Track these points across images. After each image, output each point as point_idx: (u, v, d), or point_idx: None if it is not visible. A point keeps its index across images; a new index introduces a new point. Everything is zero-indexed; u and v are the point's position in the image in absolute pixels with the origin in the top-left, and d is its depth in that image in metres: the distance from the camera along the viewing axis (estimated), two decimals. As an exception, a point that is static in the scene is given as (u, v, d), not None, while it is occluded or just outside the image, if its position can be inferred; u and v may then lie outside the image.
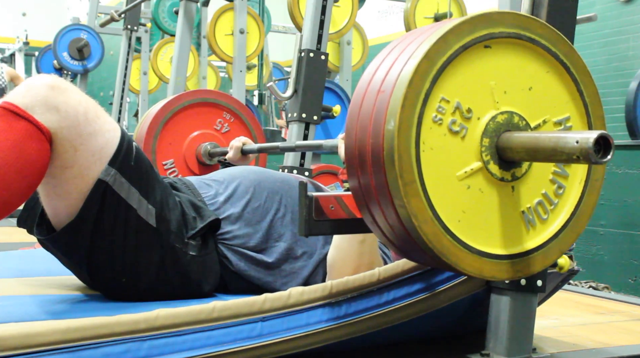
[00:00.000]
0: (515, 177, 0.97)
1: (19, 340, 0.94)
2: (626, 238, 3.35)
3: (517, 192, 0.98)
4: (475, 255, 0.94)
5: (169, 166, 2.32)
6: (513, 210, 0.98)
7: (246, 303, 1.11)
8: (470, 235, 0.94)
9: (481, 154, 0.94)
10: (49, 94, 1.17)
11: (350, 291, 1.16)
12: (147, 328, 1.02)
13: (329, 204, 1.07)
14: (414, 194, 0.88)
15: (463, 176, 0.93)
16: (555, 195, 1.02)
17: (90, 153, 1.20)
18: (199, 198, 1.44)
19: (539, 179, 1.00)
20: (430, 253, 0.91)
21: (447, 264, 0.93)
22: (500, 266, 0.96)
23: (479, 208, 0.95)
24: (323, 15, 2.50)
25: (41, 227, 1.29)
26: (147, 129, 2.29)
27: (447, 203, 0.92)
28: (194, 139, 2.35)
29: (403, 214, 0.89)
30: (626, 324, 1.70)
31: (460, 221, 0.93)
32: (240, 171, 1.56)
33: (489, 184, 0.95)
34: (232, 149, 2.13)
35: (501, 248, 0.97)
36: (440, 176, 0.91)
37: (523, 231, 0.99)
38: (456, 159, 0.93)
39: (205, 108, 2.38)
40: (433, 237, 0.90)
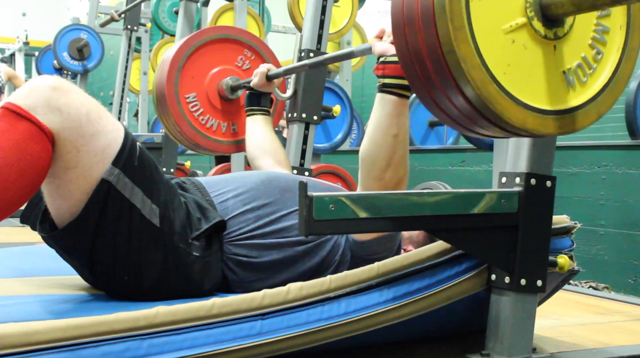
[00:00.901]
0: (557, 36, 1.00)
1: (18, 338, 0.94)
2: (626, 238, 3.35)
3: (559, 52, 1.01)
4: (520, 106, 0.97)
5: (191, 99, 2.30)
6: (555, 69, 1.01)
7: (245, 299, 1.11)
8: (516, 87, 0.96)
9: (526, 10, 0.97)
10: (52, 95, 1.17)
11: (349, 285, 1.16)
12: (147, 326, 1.02)
13: (329, 203, 1.07)
14: (463, 39, 0.91)
15: (508, 30, 0.96)
16: (594, 60, 1.06)
17: (92, 154, 1.20)
18: (207, 198, 1.44)
19: (579, 43, 1.04)
20: (477, 101, 0.93)
21: (493, 113, 0.94)
22: (543, 120, 0.99)
23: (523, 63, 0.98)
24: (323, 15, 2.49)
25: (44, 224, 1.30)
26: (171, 62, 2.26)
27: (493, 55, 0.94)
28: (215, 74, 2.33)
29: (452, 60, 0.92)
30: (626, 324, 1.70)
31: (505, 74, 0.95)
32: (250, 172, 1.58)
33: (533, 41, 0.98)
34: (256, 76, 2.09)
35: (545, 103, 1.00)
36: (487, 27, 0.94)
37: (564, 90, 1.02)
38: (502, 13, 0.95)
39: (227, 44, 2.37)
40: (481, 84, 0.93)
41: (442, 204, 1.14)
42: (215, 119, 2.33)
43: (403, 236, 1.56)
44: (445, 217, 1.15)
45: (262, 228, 1.43)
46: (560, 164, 3.48)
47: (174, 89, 2.27)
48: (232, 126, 2.36)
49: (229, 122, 2.36)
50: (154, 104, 2.40)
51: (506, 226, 1.19)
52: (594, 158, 3.42)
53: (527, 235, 1.19)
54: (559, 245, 1.29)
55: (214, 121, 2.33)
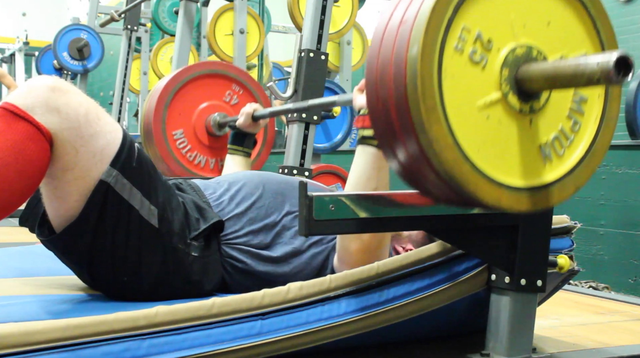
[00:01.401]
0: (533, 110, 0.98)
1: (18, 338, 0.94)
2: (626, 238, 3.35)
3: (535, 126, 0.99)
4: (494, 185, 0.94)
5: (179, 136, 2.30)
6: (531, 143, 0.99)
7: (245, 298, 1.11)
8: (490, 164, 0.94)
9: (501, 85, 0.95)
10: (50, 96, 1.17)
11: (348, 285, 1.16)
12: (147, 325, 1.02)
13: (329, 203, 1.07)
14: (435, 120, 0.89)
15: (483, 106, 0.94)
16: (572, 131, 1.03)
17: (91, 155, 1.20)
18: (204, 199, 1.45)
19: (556, 114, 1.02)
20: (450, 181, 0.92)
21: (466, 193, 0.93)
22: (518, 197, 0.97)
23: (497, 139, 0.96)
24: (323, 15, 2.49)
25: (42, 227, 1.29)
26: (158, 98, 2.27)
27: (467, 132, 0.92)
28: (203, 110, 2.34)
29: (424, 140, 0.90)
30: (626, 324, 1.70)
31: (479, 151, 0.93)
32: (244, 174, 1.57)
33: (508, 116, 0.96)
34: (242, 116, 2.09)
35: (519, 180, 0.97)
36: (460, 105, 0.92)
37: (540, 165, 1.00)
38: (476, 89, 0.94)
39: (215, 80, 2.37)
40: (454, 163, 0.91)
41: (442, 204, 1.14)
42: (202, 155, 2.34)
43: (402, 235, 1.56)
44: (445, 217, 1.15)
45: (256, 231, 1.43)
46: (560, 164, 3.48)
47: (161, 126, 2.27)
48: (219, 162, 2.36)
49: (216, 158, 2.37)
50: (142, 139, 2.40)
51: (506, 226, 1.19)
52: (594, 158, 3.42)
53: (527, 235, 1.19)
54: (559, 245, 1.29)
55: (202, 157, 2.34)
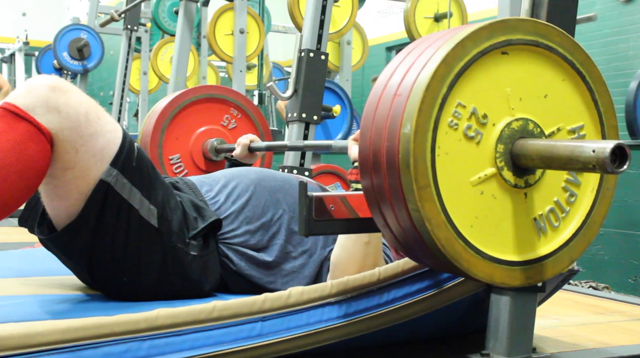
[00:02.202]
0: (528, 184, 0.98)
1: (19, 340, 0.94)
2: (626, 238, 3.35)
3: (530, 199, 0.99)
4: (487, 261, 0.94)
5: (175, 161, 2.31)
6: (525, 217, 0.98)
7: (246, 303, 1.11)
8: (483, 240, 0.94)
9: (495, 161, 0.95)
10: (50, 95, 1.17)
11: (350, 291, 1.16)
12: (148, 328, 1.02)
13: (329, 203, 1.07)
14: (428, 198, 0.89)
15: (477, 182, 0.94)
16: (567, 203, 1.02)
17: (91, 154, 1.20)
18: (200, 198, 1.44)
19: (552, 187, 1.01)
20: (442, 257, 0.92)
21: (459, 269, 0.93)
22: (511, 273, 0.97)
23: (491, 214, 0.95)
24: (323, 15, 2.50)
25: (42, 226, 1.29)
26: (155, 123, 2.27)
27: (460, 208, 0.92)
28: (200, 134, 2.34)
29: (416, 218, 0.90)
30: (626, 324, 1.70)
31: (472, 227, 0.93)
32: (240, 171, 1.56)
33: (502, 191, 0.96)
34: (239, 146, 2.10)
35: (513, 255, 0.97)
36: (454, 181, 0.92)
37: (535, 238, 0.99)
38: (471, 165, 0.93)
39: (213, 104, 2.37)
40: (446, 242, 0.91)
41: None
42: None
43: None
44: (445, 217, 1.15)
45: (253, 233, 1.42)
46: (560, 164, 3.48)
47: (158, 151, 2.27)
48: None
49: None
50: None
51: (506, 226, 1.19)
52: (594, 157, 3.42)
53: (527, 235, 1.19)
54: (559, 245, 1.29)
55: None
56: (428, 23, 3.98)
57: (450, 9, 3.94)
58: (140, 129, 2.41)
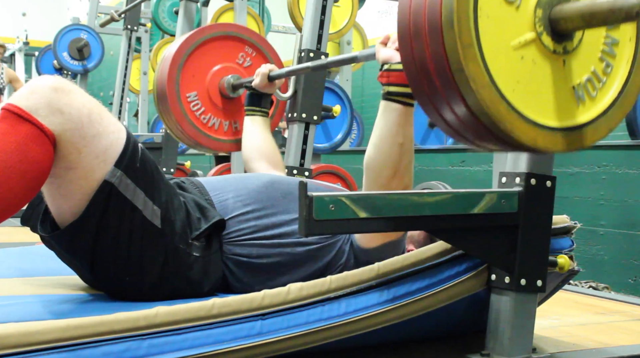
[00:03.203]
0: (566, 51, 0.99)
1: (18, 339, 0.94)
2: (626, 238, 3.35)
3: (568, 67, 1.00)
4: (530, 124, 0.95)
5: (192, 98, 2.29)
6: (564, 84, 1.00)
7: (245, 299, 1.11)
8: (525, 104, 0.95)
9: (535, 25, 0.96)
10: (53, 97, 1.17)
11: (349, 286, 1.16)
12: (147, 326, 1.02)
13: (329, 203, 1.07)
14: (472, 57, 0.90)
15: (517, 46, 0.95)
16: (604, 73, 1.04)
17: (94, 155, 1.20)
18: (206, 198, 1.44)
19: (589, 56, 1.02)
20: (487, 119, 0.92)
21: (503, 132, 0.93)
22: (553, 138, 0.98)
23: (532, 79, 0.96)
24: (323, 15, 2.49)
25: (45, 224, 1.29)
26: (171, 61, 2.26)
27: (502, 71, 0.93)
28: (216, 72, 2.32)
29: (461, 78, 0.90)
30: (626, 324, 1.70)
31: (514, 91, 0.94)
32: (253, 174, 1.57)
33: (542, 56, 0.97)
34: (258, 76, 2.08)
35: (554, 120, 0.98)
36: (496, 44, 0.92)
37: (574, 105, 1.01)
38: (511, 29, 0.94)
39: (227, 42, 2.35)
40: (490, 102, 0.91)
41: (442, 204, 1.14)
42: (216, 117, 2.33)
43: (403, 235, 1.55)
44: (445, 217, 1.15)
45: (262, 230, 1.43)
46: (560, 164, 3.48)
47: (175, 88, 2.26)
48: (233, 125, 2.35)
49: (230, 120, 2.35)
50: (155, 103, 2.40)
51: (506, 226, 1.19)
52: (594, 158, 3.42)
53: (527, 235, 1.19)
54: (559, 245, 1.29)
55: (216, 120, 2.32)
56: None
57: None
58: (155, 72, 2.39)
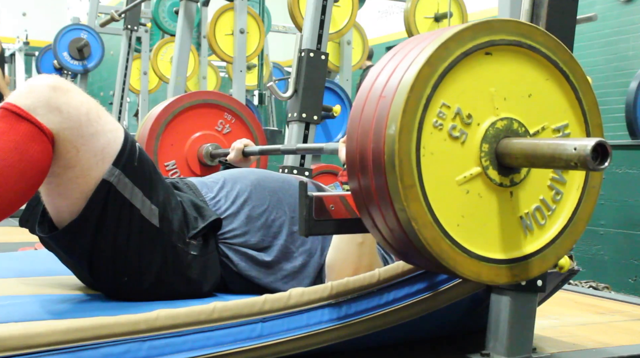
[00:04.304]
0: (513, 183, 0.98)
1: (19, 341, 0.94)
2: (626, 238, 3.35)
3: (516, 197, 0.99)
4: (473, 259, 0.95)
5: (171, 166, 2.33)
6: (511, 215, 0.99)
7: (246, 304, 1.11)
8: (469, 239, 0.95)
9: (480, 160, 0.95)
10: (51, 95, 1.17)
11: (350, 292, 1.16)
12: (147, 329, 1.02)
13: (329, 203, 1.07)
14: (414, 198, 0.89)
15: (462, 181, 0.94)
16: (553, 201, 1.03)
17: (92, 154, 1.20)
18: (201, 198, 1.45)
19: (537, 186, 1.01)
20: (429, 256, 0.92)
21: (446, 268, 0.93)
22: (498, 271, 0.97)
23: (477, 213, 0.96)
24: (323, 15, 2.49)
25: (43, 225, 1.29)
26: (149, 130, 2.30)
27: (446, 207, 0.92)
28: (195, 140, 2.36)
29: (403, 218, 0.90)
30: (626, 324, 1.70)
31: (459, 226, 0.94)
32: (240, 172, 1.56)
33: (488, 189, 0.96)
34: (233, 151, 2.14)
35: (499, 253, 0.97)
36: (440, 181, 0.92)
37: (521, 236, 1.00)
38: (456, 164, 0.94)
39: (207, 109, 2.39)
40: (432, 241, 0.91)
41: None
42: None
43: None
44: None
45: (252, 231, 1.43)
46: (560, 164, 3.47)
47: (153, 158, 2.30)
48: None
49: None
50: None
51: (506, 227, 1.19)
52: (594, 157, 3.42)
53: (527, 235, 1.19)
54: (559, 245, 1.29)
55: None
56: (428, 23, 3.98)
57: (451, 9, 3.94)
58: (137, 135, 2.43)
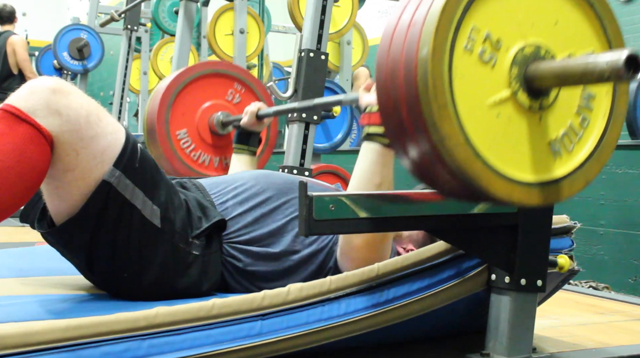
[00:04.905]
0: (542, 107, 0.99)
1: (18, 339, 0.94)
2: (626, 238, 3.35)
3: (545, 122, 1.01)
4: (505, 180, 0.96)
5: (182, 135, 2.32)
6: (540, 140, 1.01)
7: (245, 300, 1.11)
8: (501, 161, 0.96)
9: (510, 83, 0.96)
10: (51, 98, 1.17)
11: (349, 286, 1.16)
12: (147, 326, 1.02)
13: (329, 204, 1.07)
14: (447, 117, 0.91)
15: (493, 104, 0.95)
16: (580, 127, 1.05)
17: (92, 156, 1.20)
18: (207, 198, 1.45)
19: (565, 111, 1.03)
20: (463, 177, 0.93)
21: (478, 189, 0.94)
22: (529, 193, 0.99)
23: (508, 136, 0.97)
24: (323, 15, 2.49)
25: (42, 222, 1.30)
26: (161, 99, 2.29)
27: (478, 130, 0.94)
28: (206, 109, 2.35)
29: (436, 138, 0.91)
30: (626, 324, 1.70)
31: (490, 148, 0.95)
32: (250, 173, 1.57)
33: (518, 113, 0.98)
34: (247, 115, 2.10)
35: (530, 175, 0.99)
36: (471, 103, 0.93)
37: (550, 160, 1.02)
38: (486, 88, 0.95)
39: (216, 79, 2.38)
40: (466, 161, 0.92)
41: (442, 204, 1.14)
42: (206, 154, 2.35)
43: (403, 235, 1.56)
44: (445, 217, 1.15)
45: (258, 230, 1.43)
46: (560, 164, 3.47)
47: (165, 127, 2.29)
48: (224, 161, 2.37)
49: (220, 156, 2.37)
50: (145, 139, 2.42)
51: (506, 226, 1.19)
52: (594, 157, 3.42)
53: (527, 234, 1.19)
54: (559, 245, 1.29)
55: (206, 156, 2.35)
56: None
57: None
58: (145, 109, 2.43)
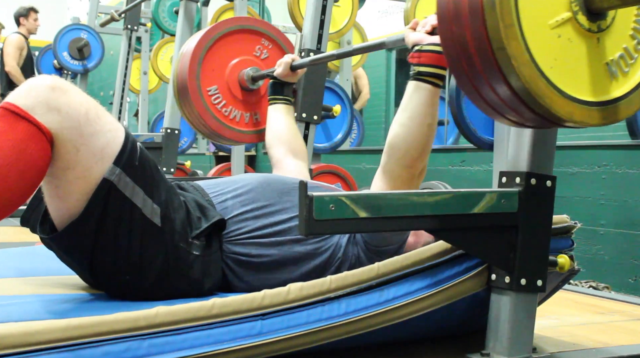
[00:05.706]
0: (600, 29, 1.04)
1: (18, 339, 0.94)
2: (626, 238, 3.35)
3: (602, 44, 1.05)
4: (567, 99, 1.01)
5: (213, 91, 2.32)
6: (598, 61, 1.05)
7: (245, 299, 1.11)
8: (562, 80, 1.00)
9: (571, 5, 1.01)
10: (51, 95, 1.17)
11: (349, 285, 1.16)
12: (147, 326, 1.02)
13: (329, 204, 1.07)
14: (513, 37, 0.95)
15: (554, 25, 1.00)
16: (635, 50, 1.10)
17: (91, 154, 1.20)
18: (206, 198, 1.45)
19: (621, 34, 1.08)
20: (527, 96, 0.97)
21: (542, 107, 0.98)
22: (589, 112, 1.03)
23: (568, 57, 1.02)
24: (323, 15, 2.49)
25: (44, 226, 1.30)
26: (191, 56, 2.29)
27: (541, 49, 0.98)
28: (235, 65, 2.35)
29: (502, 57, 0.95)
30: (626, 324, 1.70)
31: (552, 68, 0.99)
32: (249, 175, 1.58)
33: (577, 35, 1.02)
34: (281, 66, 2.10)
35: (590, 95, 1.03)
36: (535, 23, 0.97)
37: (607, 81, 1.06)
38: (548, 9, 0.99)
39: (244, 35, 2.39)
40: (530, 79, 0.96)
41: (442, 204, 1.14)
42: (237, 110, 2.36)
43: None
44: (445, 217, 1.15)
45: (261, 229, 1.43)
46: (560, 164, 3.48)
47: (197, 83, 2.29)
48: (254, 116, 2.38)
49: (250, 112, 2.38)
50: (175, 98, 2.42)
51: (506, 226, 1.19)
52: (594, 157, 3.42)
53: (527, 234, 1.19)
54: (559, 245, 1.29)
55: (237, 112, 2.36)
56: (428, 23, 3.97)
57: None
58: (174, 69, 2.42)
